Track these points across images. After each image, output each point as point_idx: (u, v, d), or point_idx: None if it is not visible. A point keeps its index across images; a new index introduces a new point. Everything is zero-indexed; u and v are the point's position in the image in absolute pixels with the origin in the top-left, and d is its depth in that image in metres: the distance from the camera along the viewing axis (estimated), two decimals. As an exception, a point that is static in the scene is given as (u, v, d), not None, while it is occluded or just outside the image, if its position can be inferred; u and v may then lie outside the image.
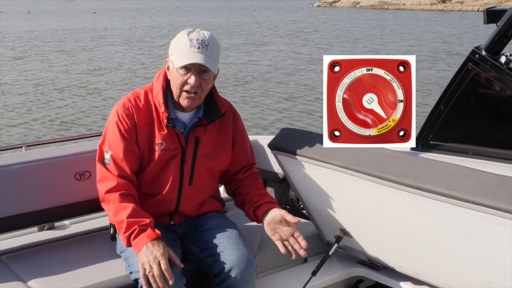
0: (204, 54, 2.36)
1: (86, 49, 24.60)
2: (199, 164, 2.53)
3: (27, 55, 22.40)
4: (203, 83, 2.41)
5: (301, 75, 17.18)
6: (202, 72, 2.39)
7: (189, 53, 2.36)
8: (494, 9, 2.39)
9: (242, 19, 49.27)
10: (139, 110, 2.47)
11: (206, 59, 2.36)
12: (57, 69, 18.56)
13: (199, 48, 2.36)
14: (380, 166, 2.35)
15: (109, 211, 2.40)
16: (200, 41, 2.37)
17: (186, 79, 2.39)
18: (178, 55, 2.39)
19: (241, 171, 2.68)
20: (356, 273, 2.83)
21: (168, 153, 2.48)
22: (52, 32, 34.45)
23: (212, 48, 2.40)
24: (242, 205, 2.64)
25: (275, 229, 2.44)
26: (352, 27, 38.81)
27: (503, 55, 2.33)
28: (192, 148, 2.51)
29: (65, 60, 21.16)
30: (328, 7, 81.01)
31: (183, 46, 2.38)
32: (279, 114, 12.04)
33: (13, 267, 2.54)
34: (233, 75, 17.04)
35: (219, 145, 2.58)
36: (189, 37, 2.39)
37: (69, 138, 3.72)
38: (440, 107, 2.48)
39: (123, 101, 2.50)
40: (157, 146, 2.47)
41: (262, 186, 2.67)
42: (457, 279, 2.34)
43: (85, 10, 66.37)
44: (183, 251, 2.54)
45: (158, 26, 39.68)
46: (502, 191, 2.00)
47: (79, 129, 10.54)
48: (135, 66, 19.36)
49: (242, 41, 28.62)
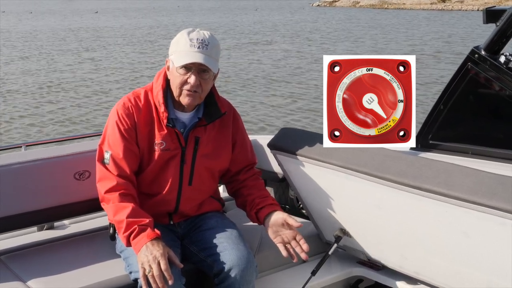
0: (204, 54, 2.36)
1: (89, 49, 24.60)
2: (198, 164, 2.53)
3: (31, 55, 22.39)
4: (203, 82, 2.41)
5: (301, 75, 17.17)
6: (202, 72, 2.39)
7: (189, 52, 2.36)
8: (494, 9, 2.39)
9: (242, 18, 49.28)
10: (139, 110, 2.47)
11: (206, 59, 2.36)
12: (60, 68, 18.56)
13: (199, 48, 2.36)
14: (380, 166, 2.35)
15: (109, 211, 2.40)
16: (200, 40, 2.37)
17: (186, 78, 2.39)
18: (178, 54, 2.39)
19: (242, 171, 2.68)
20: (356, 273, 2.83)
21: (168, 153, 2.48)
22: (58, 30, 34.59)
23: (212, 48, 2.40)
24: (243, 206, 2.64)
25: (277, 232, 2.45)
26: (353, 26, 38.80)
27: (502, 54, 2.33)
28: (192, 148, 2.51)
29: (68, 59, 21.17)
30: (328, 6, 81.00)
31: (183, 45, 2.38)
32: (279, 113, 12.04)
33: (12, 267, 2.54)
34: (233, 74, 17.06)
35: (219, 145, 2.58)
36: (189, 36, 2.39)
37: (69, 138, 3.71)
38: (439, 106, 2.48)
39: (123, 100, 2.50)
40: (157, 146, 2.47)
41: (263, 187, 2.67)
42: (457, 279, 2.34)
43: (86, 10, 66.57)
44: (183, 251, 2.54)
45: (161, 25, 39.68)
46: (501, 191, 2.00)
47: (78, 128, 10.53)
48: (138, 66, 19.32)
49: (242, 40, 28.61)
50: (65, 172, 2.74)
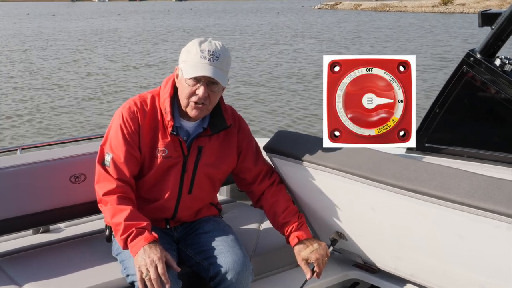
0: (215, 67, 2.32)
1: (94, 50, 24.73)
2: (200, 173, 2.51)
3: (31, 55, 22.44)
4: (212, 95, 2.37)
5: (300, 77, 17.17)
6: (211, 84, 2.35)
7: (200, 64, 2.32)
8: (489, 12, 2.39)
9: (245, 20, 49.33)
10: (144, 114, 2.44)
11: (216, 72, 2.32)
12: (58, 71, 18.59)
13: (210, 60, 2.31)
14: (375, 168, 2.35)
15: (106, 213, 2.38)
16: (211, 52, 2.32)
17: (194, 89, 2.35)
18: (188, 65, 2.35)
19: (258, 180, 2.63)
20: (352, 276, 2.82)
21: (170, 160, 2.45)
22: (82, 32, 34.92)
23: (223, 60, 2.35)
24: (271, 220, 2.63)
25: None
26: (355, 29, 38.84)
27: (497, 57, 2.33)
28: (194, 157, 2.48)
29: (68, 60, 21.21)
30: (329, 9, 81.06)
31: (194, 56, 2.33)
32: (275, 116, 12.02)
33: (8, 270, 2.53)
34: (233, 73, 17.10)
35: (221, 155, 2.55)
36: (201, 47, 2.33)
37: (64, 141, 3.71)
38: (435, 109, 2.48)
39: (129, 103, 2.47)
40: (159, 153, 2.44)
41: (283, 195, 2.63)
42: (452, 282, 2.33)
43: (110, 11, 67.80)
44: (179, 254, 2.54)
45: (177, 28, 39.96)
46: (496, 194, 2.00)
47: (74, 131, 10.53)
48: (144, 69, 19.38)
49: (242, 42, 28.65)
50: (60, 175, 2.73)
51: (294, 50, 25.11)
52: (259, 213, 3.16)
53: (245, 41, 29.71)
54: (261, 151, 2.71)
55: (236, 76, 17.11)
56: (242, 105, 12.92)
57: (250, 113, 12.14)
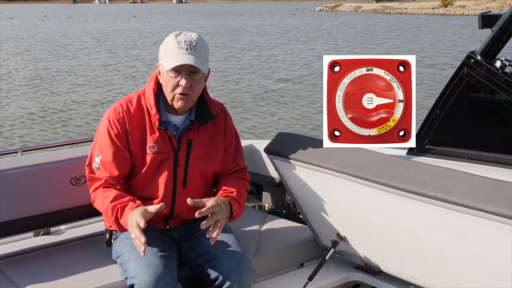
0: (193, 55, 2.38)
1: (98, 51, 24.75)
2: (192, 167, 2.53)
3: (33, 59, 22.46)
4: (194, 84, 2.43)
5: (300, 78, 17.17)
6: (192, 74, 2.41)
7: (178, 55, 2.38)
8: (489, 14, 2.39)
9: (241, 21, 49.41)
10: (130, 115, 2.48)
11: (195, 60, 2.37)
12: (57, 73, 18.58)
13: (187, 50, 2.38)
14: (376, 170, 2.35)
15: (98, 206, 2.45)
16: (188, 42, 2.39)
17: (177, 81, 2.40)
18: (168, 58, 2.41)
19: (228, 172, 2.66)
20: (353, 277, 2.82)
21: (161, 156, 2.48)
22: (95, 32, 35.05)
23: (201, 49, 2.41)
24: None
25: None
26: (356, 30, 38.86)
27: (498, 59, 2.33)
28: (184, 151, 2.51)
29: (67, 61, 21.21)
30: (330, 11, 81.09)
31: (172, 49, 2.40)
32: (276, 118, 12.01)
33: (8, 273, 2.53)
34: (233, 73, 17.08)
35: (211, 148, 2.58)
36: (177, 39, 2.40)
37: (65, 143, 3.72)
38: (435, 111, 2.48)
39: (115, 106, 2.52)
40: (149, 149, 2.47)
41: (241, 185, 2.60)
42: (454, 283, 2.33)
43: (125, 12, 68.79)
44: (179, 256, 2.54)
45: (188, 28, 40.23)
46: (498, 196, 2.00)
47: (75, 134, 10.52)
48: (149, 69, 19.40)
49: (240, 44, 28.67)
50: (61, 177, 2.74)
51: (294, 50, 25.12)
52: (260, 215, 3.16)
53: (253, 42, 29.73)
54: (242, 150, 2.73)
55: (236, 76, 17.09)
56: (242, 106, 12.92)
57: (250, 114, 12.14)
